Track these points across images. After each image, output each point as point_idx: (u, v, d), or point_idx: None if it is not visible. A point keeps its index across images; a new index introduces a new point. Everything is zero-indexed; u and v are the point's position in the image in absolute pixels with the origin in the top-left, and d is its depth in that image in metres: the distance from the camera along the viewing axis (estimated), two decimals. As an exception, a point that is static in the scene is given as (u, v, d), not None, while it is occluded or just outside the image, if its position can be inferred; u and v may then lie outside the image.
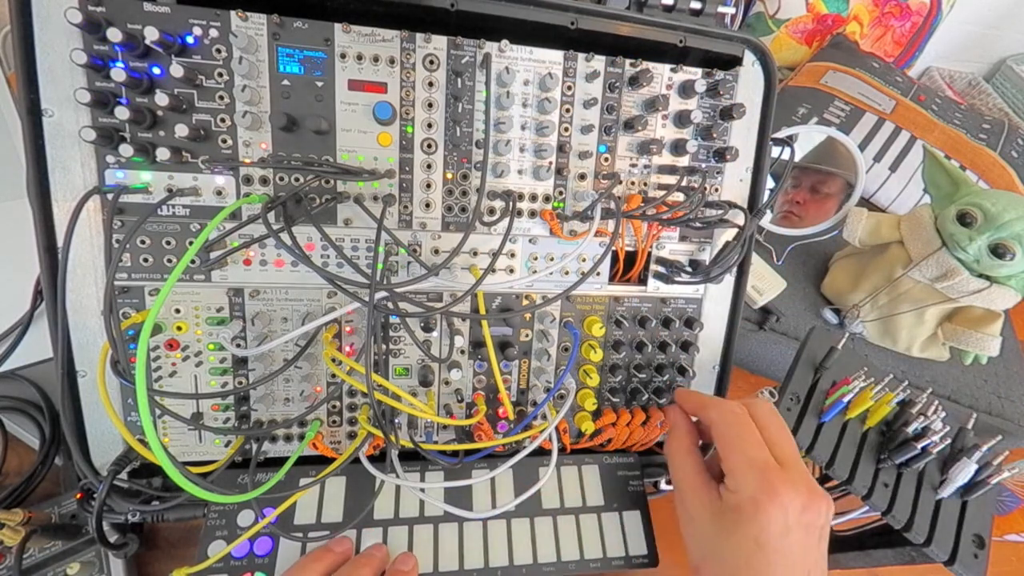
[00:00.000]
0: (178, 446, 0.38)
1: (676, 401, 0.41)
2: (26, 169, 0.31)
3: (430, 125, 0.36)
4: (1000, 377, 0.62)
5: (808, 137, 0.66)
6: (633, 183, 0.40)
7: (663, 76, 0.39)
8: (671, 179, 0.40)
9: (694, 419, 0.40)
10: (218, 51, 0.32)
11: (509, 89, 0.36)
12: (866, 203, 0.76)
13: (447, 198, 0.37)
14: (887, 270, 0.58)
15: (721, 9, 0.39)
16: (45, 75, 0.31)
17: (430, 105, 0.35)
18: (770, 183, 0.45)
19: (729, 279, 0.44)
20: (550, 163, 0.38)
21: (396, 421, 0.40)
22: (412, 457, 0.39)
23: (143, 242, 0.34)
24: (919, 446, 0.39)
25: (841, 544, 0.44)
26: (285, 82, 0.33)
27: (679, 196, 0.39)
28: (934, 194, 0.58)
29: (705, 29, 0.38)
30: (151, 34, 0.29)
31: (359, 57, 0.34)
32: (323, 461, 0.38)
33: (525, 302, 0.41)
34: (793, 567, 0.31)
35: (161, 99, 0.30)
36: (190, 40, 0.32)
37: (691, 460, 0.37)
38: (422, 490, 0.38)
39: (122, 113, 0.30)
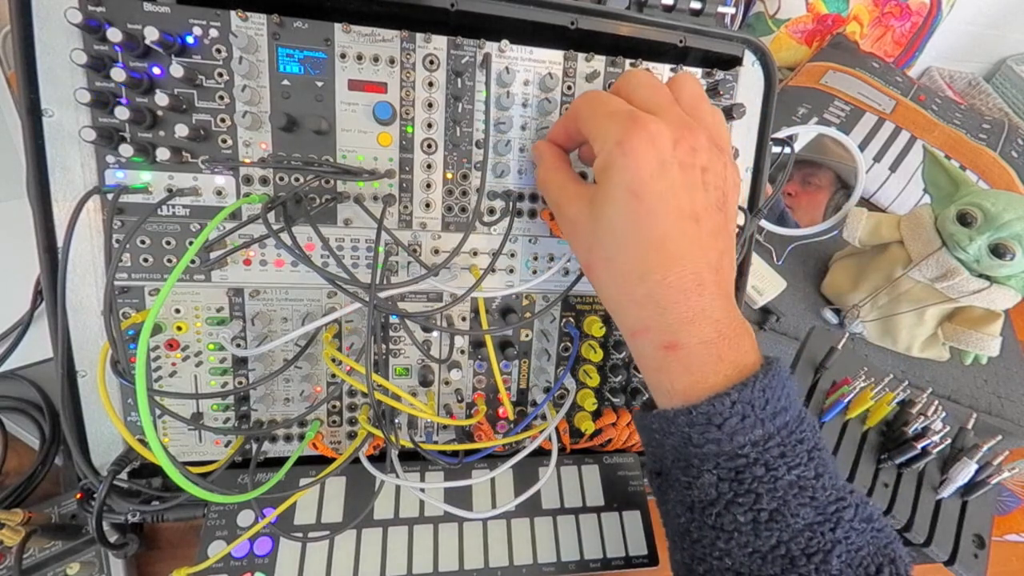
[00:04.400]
0: (178, 446, 0.38)
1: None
2: (26, 169, 0.31)
3: (430, 125, 0.36)
4: (1000, 377, 0.62)
5: (802, 133, 0.66)
6: (633, 183, 0.40)
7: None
8: (671, 179, 0.40)
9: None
10: (218, 51, 0.32)
11: (509, 89, 0.36)
12: (866, 203, 0.76)
13: (447, 198, 0.37)
14: (887, 270, 0.58)
15: (721, 9, 0.39)
16: (45, 75, 0.31)
17: (430, 105, 0.35)
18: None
19: (729, 279, 0.44)
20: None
21: (396, 421, 0.40)
22: (412, 457, 0.39)
23: (143, 242, 0.34)
24: (919, 446, 0.39)
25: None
26: (285, 82, 0.33)
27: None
28: (934, 194, 0.58)
29: (705, 29, 0.38)
30: (151, 34, 0.29)
31: (359, 57, 0.34)
32: (323, 461, 0.38)
33: (525, 303, 0.41)
34: (679, 211, 0.27)
35: (161, 99, 0.30)
36: (190, 40, 0.32)
37: (562, 172, 0.32)
38: (422, 490, 0.38)
39: (122, 113, 0.30)
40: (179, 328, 0.36)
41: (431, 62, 0.35)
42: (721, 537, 0.27)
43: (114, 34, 0.29)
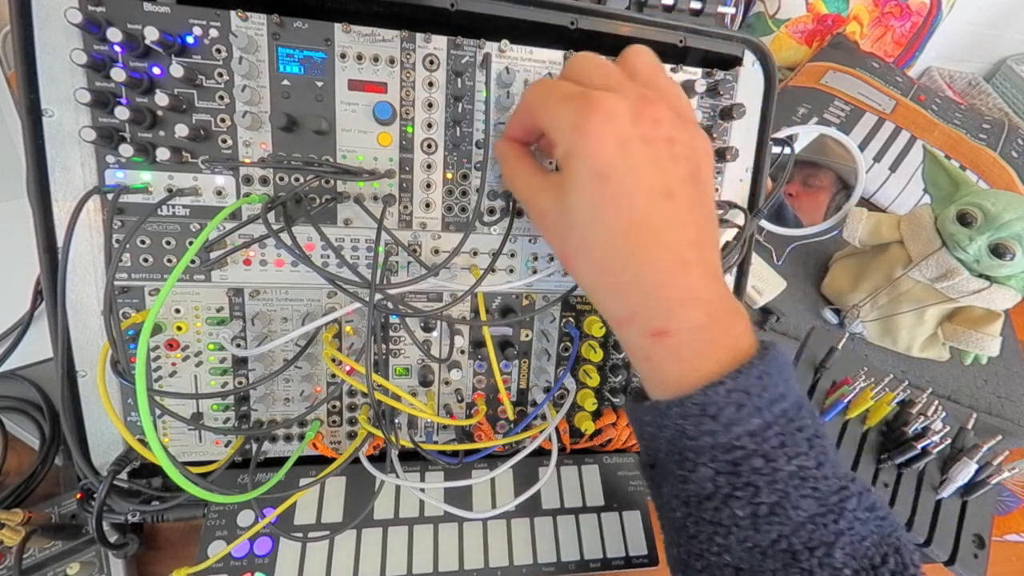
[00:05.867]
0: (178, 446, 0.38)
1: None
2: (26, 169, 0.31)
3: (430, 125, 0.36)
4: (1000, 377, 0.62)
5: (803, 133, 0.66)
6: (633, 183, 0.40)
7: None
8: (671, 179, 0.40)
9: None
10: (218, 51, 0.32)
11: (509, 89, 0.36)
12: (866, 203, 0.76)
13: (447, 198, 0.37)
14: (887, 270, 0.58)
15: (721, 9, 0.39)
16: (45, 75, 0.31)
17: (430, 105, 0.35)
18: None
19: (729, 279, 0.44)
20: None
21: (396, 421, 0.40)
22: (412, 457, 0.39)
23: (143, 242, 0.34)
24: (919, 446, 0.39)
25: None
26: (285, 82, 0.33)
27: (679, 196, 0.39)
28: (934, 194, 0.58)
29: (705, 29, 0.38)
30: (151, 34, 0.29)
31: (359, 57, 0.34)
32: (323, 461, 0.38)
33: (525, 302, 0.41)
34: (649, 188, 0.25)
35: (161, 99, 0.30)
36: (190, 40, 0.32)
37: (526, 167, 0.31)
38: (422, 490, 0.38)
39: (122, 113, 0.30)
40: (179, 328, 0.36)
41: (431, 62, 0.35)
42: (719, 532, 0.26)
43: (114, 34, 0.29)
